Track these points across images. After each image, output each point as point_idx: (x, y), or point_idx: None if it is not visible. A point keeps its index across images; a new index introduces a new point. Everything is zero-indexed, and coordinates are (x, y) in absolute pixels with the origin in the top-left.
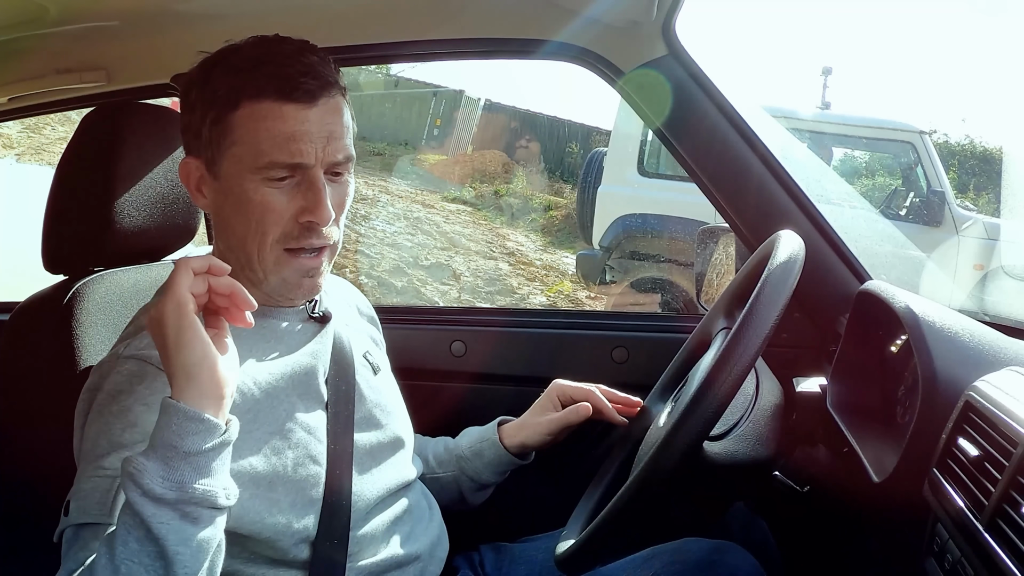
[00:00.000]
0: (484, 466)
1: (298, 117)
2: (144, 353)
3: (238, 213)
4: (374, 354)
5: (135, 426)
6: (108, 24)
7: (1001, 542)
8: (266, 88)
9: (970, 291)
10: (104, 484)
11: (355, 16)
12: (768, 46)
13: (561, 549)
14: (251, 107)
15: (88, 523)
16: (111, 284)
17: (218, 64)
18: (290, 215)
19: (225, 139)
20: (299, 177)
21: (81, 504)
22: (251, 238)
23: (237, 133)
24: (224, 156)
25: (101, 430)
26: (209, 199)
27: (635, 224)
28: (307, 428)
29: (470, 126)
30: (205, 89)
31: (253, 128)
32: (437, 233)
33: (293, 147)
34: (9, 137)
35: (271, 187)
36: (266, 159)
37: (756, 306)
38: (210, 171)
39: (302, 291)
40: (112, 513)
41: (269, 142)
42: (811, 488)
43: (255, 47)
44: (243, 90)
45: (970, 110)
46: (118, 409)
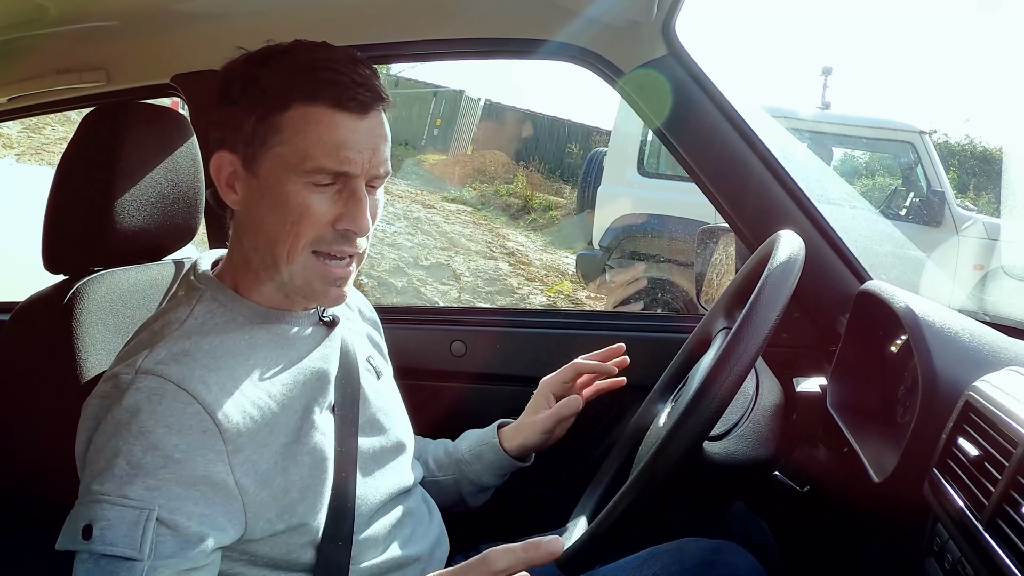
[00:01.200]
0: (484, 469)
1: (349, 126)
2: (163, 369)
3: (274, 212)
4: (376, 359)
5: (156, 449)
6: (108, 24)
7: (1001, 542)
8: (321, 94)
9: (970, 291)
10: (131, 516)
11: (355, 16)
12: (768, 46)
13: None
14: (303, 110)
15: (116, 556)
16: (111, 284)
17: (267, 63)
18: (327, 220)
19: (271, 138)
20: (341, 185)
21: (106, 534)
22: (283, 239)
23: (285, 134)
24: (267, 154)
25: (120, 449)
26: (241, 195)
27: (635, 224)
28: (321, 431)
29: (470, 126)
30: (252, 86)
31: (303, 131)
32: (437, 233)
33: (342, 155)
34: (9, 137)
35: (314, 191)
36: (313, 163)
37: (756, 306)
38: (247, 167)
39: (328, 299)
40: (142, 549)
41: (318, 147)
42: (811, 488)
43: (309, 51)
44: (295, 92)
45: (970, 110)
46: (137, 429)
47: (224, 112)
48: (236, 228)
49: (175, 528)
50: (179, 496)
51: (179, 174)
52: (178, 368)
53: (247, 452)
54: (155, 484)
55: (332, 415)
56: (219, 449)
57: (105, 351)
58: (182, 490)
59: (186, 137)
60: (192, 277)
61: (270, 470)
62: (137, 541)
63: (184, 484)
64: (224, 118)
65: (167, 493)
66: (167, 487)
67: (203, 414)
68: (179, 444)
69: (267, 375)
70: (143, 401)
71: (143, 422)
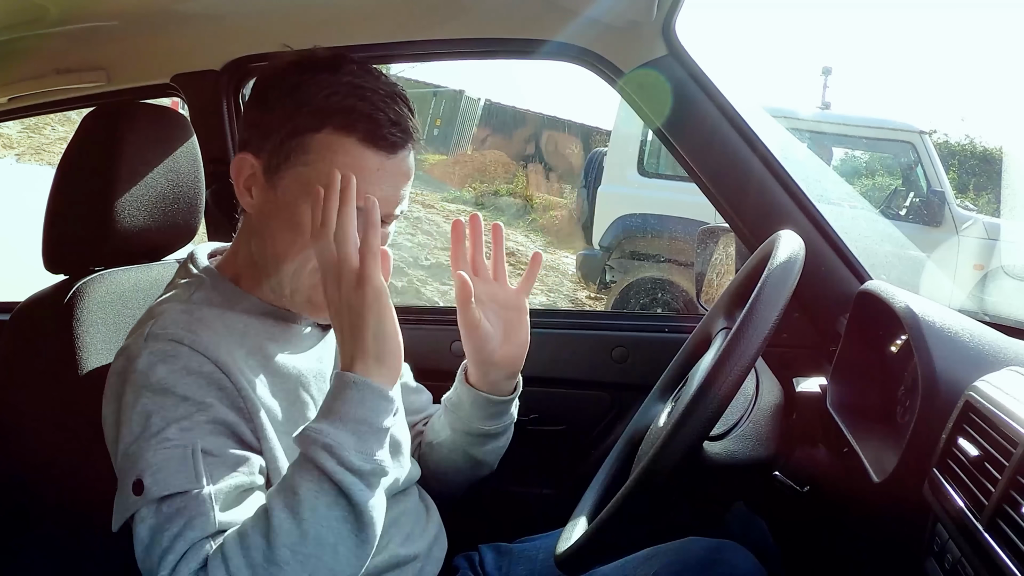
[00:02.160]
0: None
1: (375, 163)
2: (172, 333)
3: (286, 229)
4: None
5: (187, 400)
6: (108, 24)
7: (1001, 542)
8: (355, 125)
9: (970, 291)
10: (176, 454)
11: (355, 16)
12: (768, 46)
13: (561, 549)
14: (334, 137)
15: (174, 493)
16: (111, 284)
17: (312, 76)
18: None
19: (296, 155)
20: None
21: (158, 477)
22: (292, 257)
23: (311, 155)
24: (289, 171)
25: (148, 408)
26: (256, 201)
27: (635, 224)
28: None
29: (470, 126)
30: (292, 96)
31: (329, 157)
32: (437, 233)
33: (361, 189)
34: (9, 137)
35: None
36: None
37: (756, 306)
38: (267, 176)
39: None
40: (200, 479)
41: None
42: (811, 488)
43: (354, 74)
44: (332, 117)
45: (970, 110)
46: (159, 386)
47: (256, 114)
48: (246, 228)
49: (220, 455)
50: (212, 431)
51: (179, 174)
52: (187, 333)
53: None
54: (189, 425)
55: None
56: (239, 406)
57: (106, 351)
58: (214, 427)
59: (186, 137)
60: (191, 266)
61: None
62: (191, 473)
63: (214, 422)
64: (255, 119)
65: (202, 429)
66: (200, 426)
67: (215, 371)
68: (202, 394)
69: (261, 362)
70: (157, 361)
71: (163, 378)
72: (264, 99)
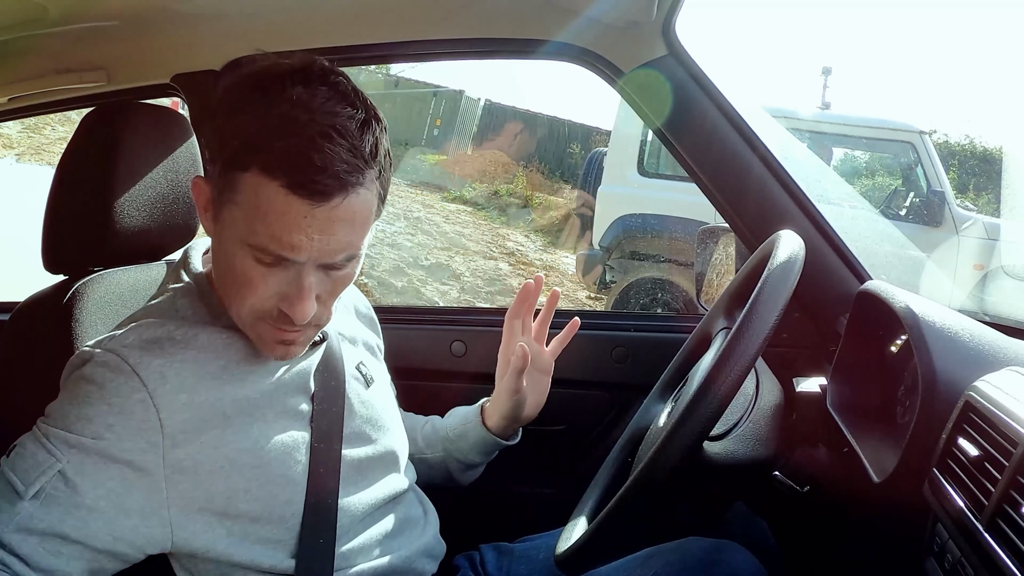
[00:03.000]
0: (469, 447)
1: (301, 212)
2: (124, 351)
3: (225, 265)
4: (368, 364)
5: (90, 421)
6: (108, 24)
7: (1001, 542)
8: (278, 167)
9: (970, 291)
10: (40, 456)
11: (355, 16)
12: (768, 46)
13: (561, 549)
14: (259, 179)
15: (9, 481)
16: (111, 284)
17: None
18: (270, 295)
19: (228, 193)
20: (287, 265)
21: (15, 459)
22: (232, 296)
23: (239, 196)
24: (224, 207)
25: (64, 406)
26: (210, 227)
27: (635, 224)
28: (283, 447)
29: (470, 126)
30: (230, 121)
31: (254, 202)
32: (437, 233)
33: (286, 240)
34: (9, 137)
35: (258, 265)
36: (256, 240)
37: (756, 306)
38: (214, 203)
39: (275, 354)
40: (30, 489)
41: (263, 226)
42: (811, 488)
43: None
44: (257, 156)
45: (970, 110)
46: (83, 396)
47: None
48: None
49: (73, 489)
50: (95, 464)
51: (179, 174)
52: (139, 354)
53: (187, 450)
54: (77, 444)
55: (307, 431)
56: (155, 441)
57: None
58: (101, 461)
59: (186, 137)
60: (183, 272)
61: (212, 475)
62: (31, 480)
63: (106, 458)
64: (207, 141)
65: (84, 456)
66: (87, 452)
67: (148, 404)
68: (114, 425)
69: (235, 378)
70: (97, 374)
71: (89, 392)
72: (213, 117)
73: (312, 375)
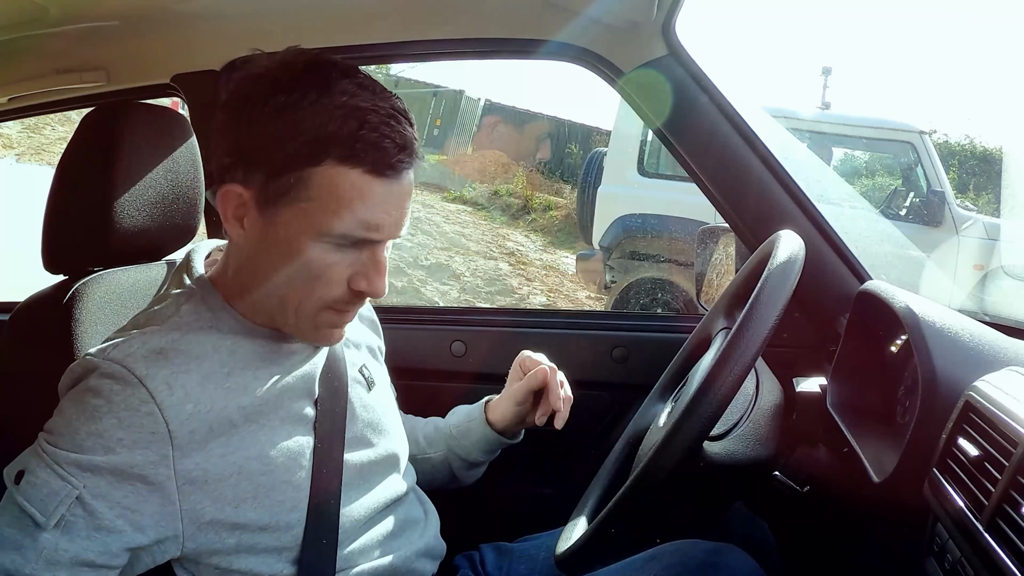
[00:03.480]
0: (472, 445)
1: (382, 192)
2: (130, 362)
3: (286, 264)
4: (370, 367)
5: (100, 436)
6: (108, 24)
7: (1001, 542)
8: (360, 157)
9: (970, 291)
10: (55, 485)
11: (355, 16)
12: (768, 46)
13: (561, 549)
14: (336, 170)
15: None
16: (111, 284)
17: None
18: (343, 279)
19: (295, 191)
20: (362, 246)
21: (29, 489)
22: (295, 293)
23: (310, 192)
24: (289, 206)
25: (71, 422)
26: (249, 234)
27: (635, 224)
28: (288, 453)
29: (470, 126)
30: (280, 118)
31: (334, 193)
32: (437, 233)
33: (372, 222)
34: (9, 137)
35: (334, 251)
36: (340, 228)
37: (756, 306)
38: (261, 209)
39: (330, 341)
40: (51, 519)
41: (348, 214)
42: (811, 488)
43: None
44: (331, 149)
45: (970, 110)
46: (91, 411)
47: (237, 136)
48: (237, 252)
49: (92, 514)
50: (109, 484)
51: (179, 174)
52: (145, 365)
53: (196, 459)
54: (89, 466)
55: (311, 436)
56: (165, 453)
57: None
58: (115, 479)
59: (186, 137)
60: (184, 275)
61: (221, 483)
62: (50, 510)
63: (119, 475)
64: (237, 144)
65: (98, 478)
66: (100, 472)
67: (156, 415)
68: (124, 439)
69: (241, 385)
70: (104, 387)
71: (98, 406)
72: (247, 119)
73: (316, 379)
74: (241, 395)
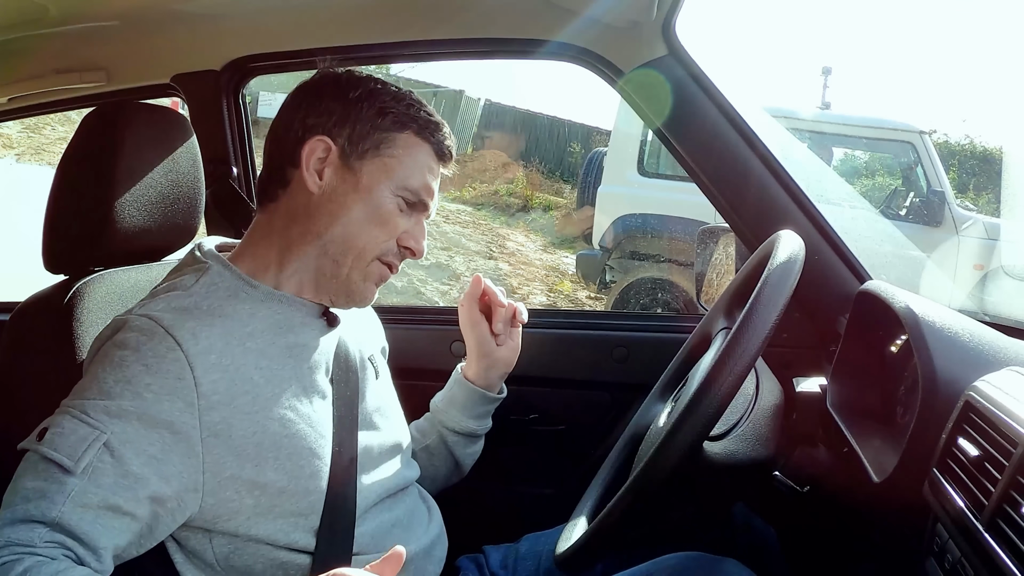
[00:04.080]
0: (460, 412)
1: (436, 170)
2: (157, 315)
3: (362, 210)
4: (377, 358)
5: (128, 383)
6: (108, 24)
7: (1001, 542)
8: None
9: (970, 291)
10: (82, 431)
11: (355, 16)
12: (768, 46)
13: (561, 549)
14: (415, 139)
15: (53, 460)
16: (111, 284)
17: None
18: (397, 235)
19: (384, 147)
20: (411, 211)
21: (55, 439)
22: (363, 236)
23: (398, 150)
24: (375, 159)
25: (97, 375)
26: (327, 182)
27: (635, 224)
28: (308, 420)
29: (470, 126)
30: (377, 97)
31: (412, 157)
32: (437, 233)
33: (431, 188)
34: (9, 137)
35: (399, 206)
36: (411, 187)
37: (756, 306)
38: (344, 159)
39: (366, 300)
40: (79, 464)
41: (419, 174)
42: (811, 488)
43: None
44: (412, 124)
45: (970, 110)
46: (119, 360)
47: (335, 103)
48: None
49: (119, 459)
50: (137, 431)
51: (179, 174)
52: (171, 316)
53: (221, 412)
54: (117, 412)
55: (331, 408)
56: (191, 400)
57: None
58: (142, 426)
59: (186, 137)
60: (198, 254)
61: (244, 440)
62: (78, 455)
63: (146, 422)
64: (332, 108)
65: (126, 424)
66: (128, 418)
67: (183, 362)
68: (151, 384)
69: (261, 347)
70: (131, 339)
71: (125, 356)
72: (345, 92)
73: (331, 358)
74: (260, 357)
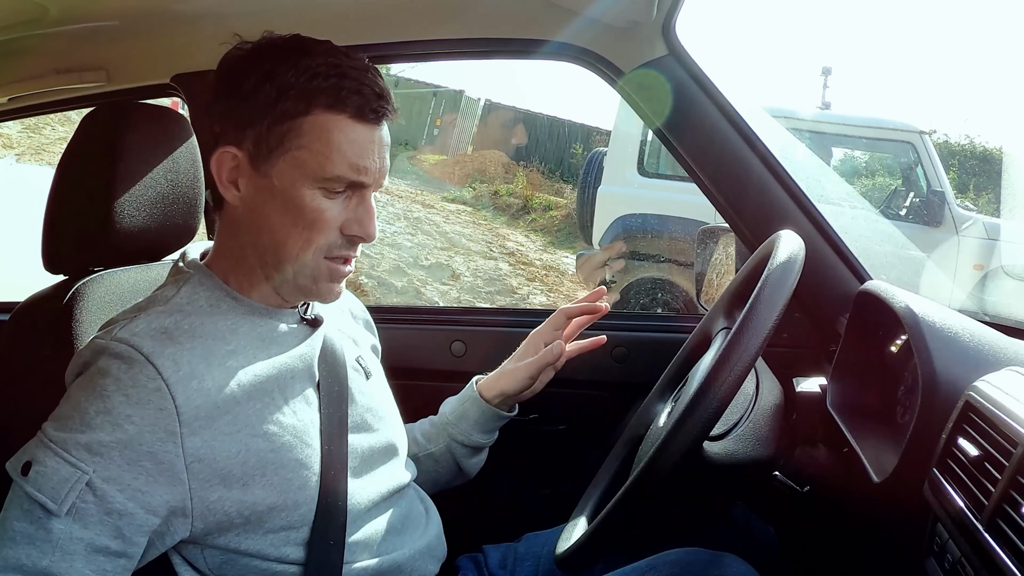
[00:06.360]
0: (471, 426)
1: (366, 137)
2: (136, 340)
3: (284, 215)
4: (366, 359)
5: (109, 414)
6: (108, 24)
7: (1001, 542)
8: (345, 103)
9: (970, 291)
10: (65, 471)
11: (355, 16)
12: (768, 46)
13: (561, 549)
14: (325, 117)
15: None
16: (111, 284)
17: (283, 59)
18: (337, 226)
19: (288, 141)
20: (351, 192)
21: (38, 478)
22: (293, 242)
23: (305, 139)
24: (282, 157)
25: (79, 403)
26: (244, 193)
27: (635, 224)
28: (294, 432)
29: (470, 126)
30: (269, 81)
31: (324, 139)
32: (437, 233)
33: (361, 164)
34: (9, 137)
35: (327, 197)
36: (332, 172)
37: (756, 306)
38: (254, 165)
39: (330, 297)
40: (63, 506)
41: (339, 156)
42: (811, 488)
43: (327, 54)
44: (318, 98)
45: (970, 110)
46: (100, 390)
47: (228, 105)
48: (230, 224)
49: (102, 498)
50: (119, 466)
51: (179, 174)
52: (151, 342)
53: (204, 437)
54: (99, 448)
55: (317, 415)
56: (172, 430)
57: None
58: (124, 460)
59: (186, 137)
60: (181, 263)
61: (229, 461)
62: (61, 496)
63: (128, 455)
64: (227, 111)
65: (108, 461)
66: (109, 454)
67: (164, 391)
68: (132, 415)
69: (242, 364)
70: (111, 366)
71: (106, 385)
72: (236, 89)
73: (315, 361)
74: (243, 373)
